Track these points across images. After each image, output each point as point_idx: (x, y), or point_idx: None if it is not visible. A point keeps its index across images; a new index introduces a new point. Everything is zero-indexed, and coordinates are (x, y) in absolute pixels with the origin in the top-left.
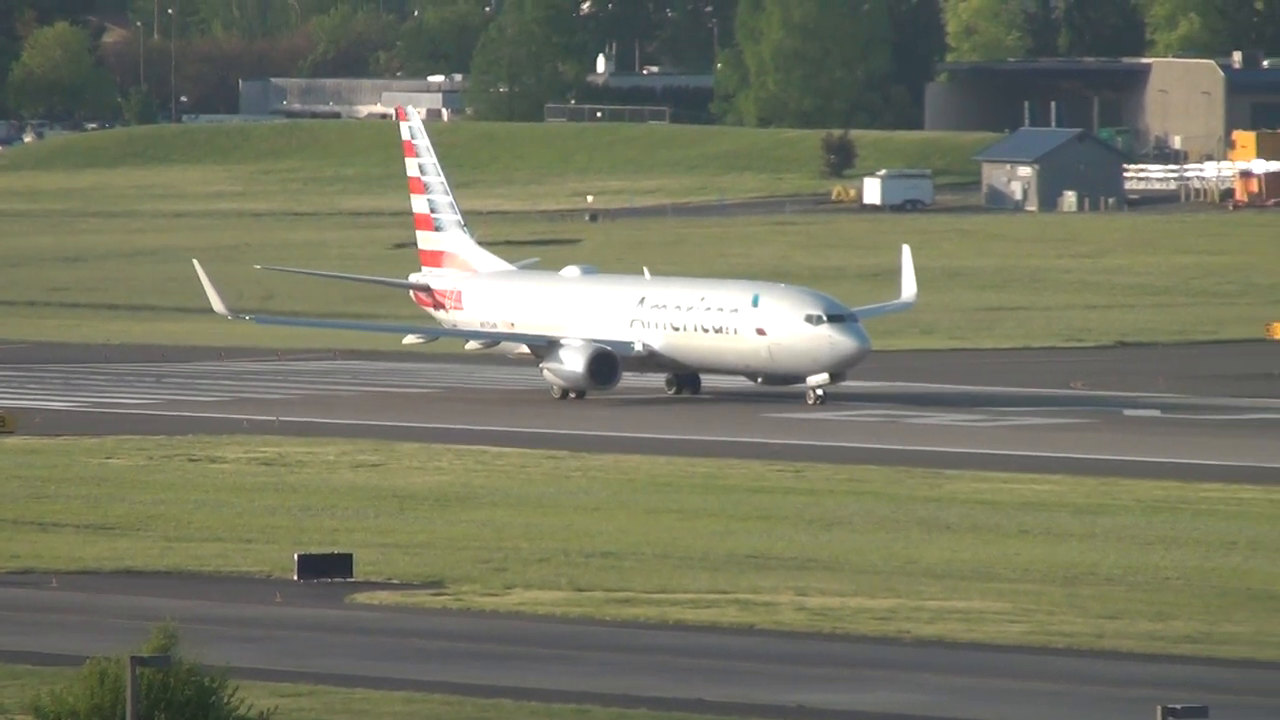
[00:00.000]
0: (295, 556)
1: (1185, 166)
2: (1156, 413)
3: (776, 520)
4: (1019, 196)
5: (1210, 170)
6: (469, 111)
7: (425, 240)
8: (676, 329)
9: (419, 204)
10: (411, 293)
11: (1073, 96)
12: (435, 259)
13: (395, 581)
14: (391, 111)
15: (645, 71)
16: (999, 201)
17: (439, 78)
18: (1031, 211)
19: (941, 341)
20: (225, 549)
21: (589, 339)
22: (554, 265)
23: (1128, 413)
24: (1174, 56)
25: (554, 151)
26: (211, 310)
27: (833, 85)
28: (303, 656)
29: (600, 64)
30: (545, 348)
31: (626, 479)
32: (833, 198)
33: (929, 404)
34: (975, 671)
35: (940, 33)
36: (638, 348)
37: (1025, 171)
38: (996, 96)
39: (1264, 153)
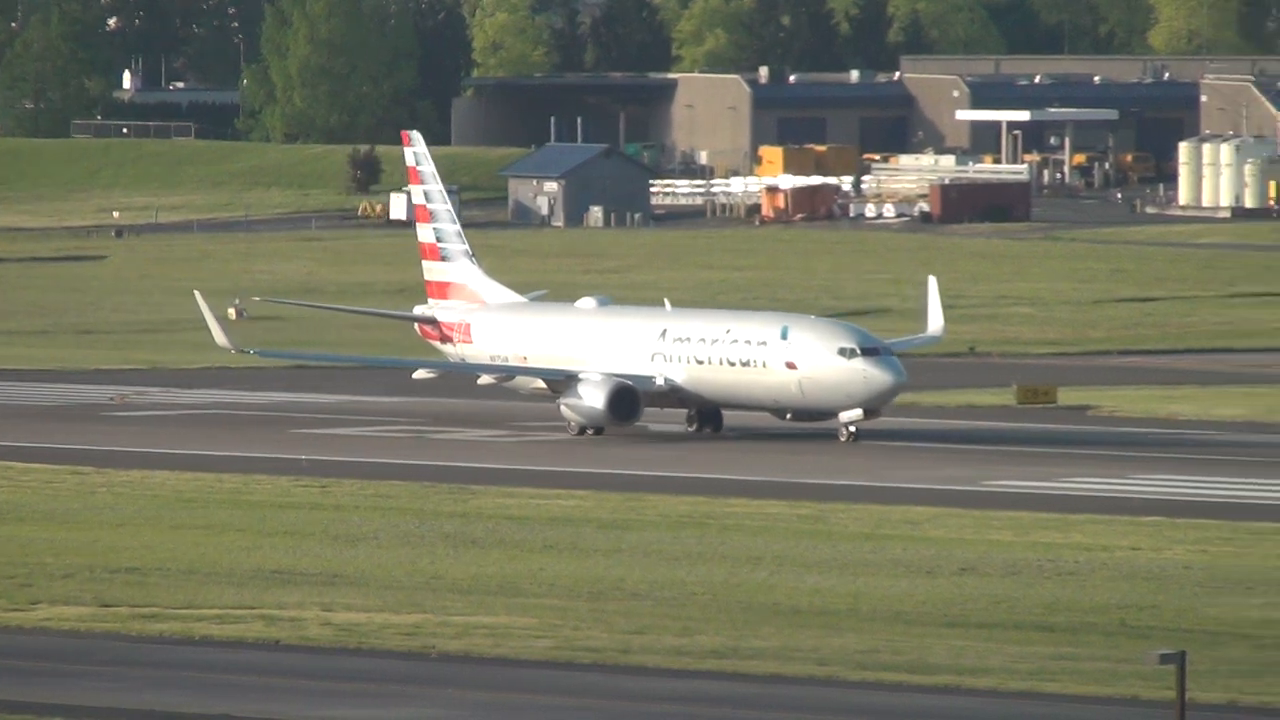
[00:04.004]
0: None
1: (712, 182)
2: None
3: (303, 536)
4: (545, 212)
5: (737, 185)
6: None
7: (430, 271)
8: (700, 362)
9: (424, 233)
10: (416, 326)
11: (599, 112)
12: (441, 290)
13: None
14: None
15: (171, 87)
16: (525, 217)
17: None
18: (558, 227)
19: None
20: None
21: (609, 373)
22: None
23: (655, 428)
24: (700, 72)
25: (80, 168)
26: None
27: (359, 101)
28: None
29: (126, 80)
30: (563, 383)
31: (152, 495)
32: (359, 213)
33: (454, 420)
34: (501, 687)
35: (467, 48)
36: (660, 382)
37: (551, 187)
38: (523, 112)
39: (790, 168)
